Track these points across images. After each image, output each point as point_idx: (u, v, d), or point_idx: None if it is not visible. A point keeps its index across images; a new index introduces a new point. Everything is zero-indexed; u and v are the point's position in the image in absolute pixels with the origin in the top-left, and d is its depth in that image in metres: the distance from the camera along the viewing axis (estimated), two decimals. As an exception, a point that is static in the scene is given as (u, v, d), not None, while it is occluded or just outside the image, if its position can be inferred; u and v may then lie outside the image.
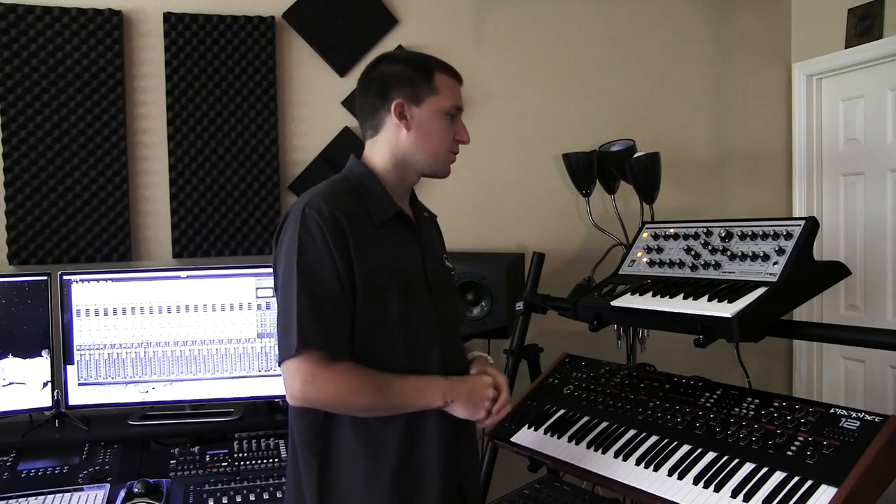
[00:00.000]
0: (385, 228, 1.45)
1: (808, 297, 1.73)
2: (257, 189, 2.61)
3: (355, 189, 1.46)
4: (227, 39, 2.57)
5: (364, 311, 1.38)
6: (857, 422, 1.46)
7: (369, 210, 1.44)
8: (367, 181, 1.48)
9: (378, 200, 1.46)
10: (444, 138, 1.49)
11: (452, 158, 1.53)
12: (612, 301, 1.86)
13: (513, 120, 2.93)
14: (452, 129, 1.51)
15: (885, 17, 2.78)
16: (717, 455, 1.55)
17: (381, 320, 1.40)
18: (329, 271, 1.35)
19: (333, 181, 1.49)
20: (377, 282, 1.39)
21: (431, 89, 1.46)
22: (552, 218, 2.97)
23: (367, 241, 1.40)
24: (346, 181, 1.48)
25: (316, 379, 1.33)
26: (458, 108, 1.51)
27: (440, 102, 1.47)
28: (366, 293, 1.38)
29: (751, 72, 3.21)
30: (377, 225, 1.43)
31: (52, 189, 2.44)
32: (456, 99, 1.50)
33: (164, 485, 1.98)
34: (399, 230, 1.49)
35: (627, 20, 3.05)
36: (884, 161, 2.89)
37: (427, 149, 1.48)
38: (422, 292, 1.47)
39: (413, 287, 1.45)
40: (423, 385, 1.41)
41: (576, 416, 1.87)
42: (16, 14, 2.39)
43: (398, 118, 1.45)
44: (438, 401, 1.41)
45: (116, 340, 2.27)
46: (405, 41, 2.76)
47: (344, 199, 1.42)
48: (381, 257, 1.42)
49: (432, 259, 1.55)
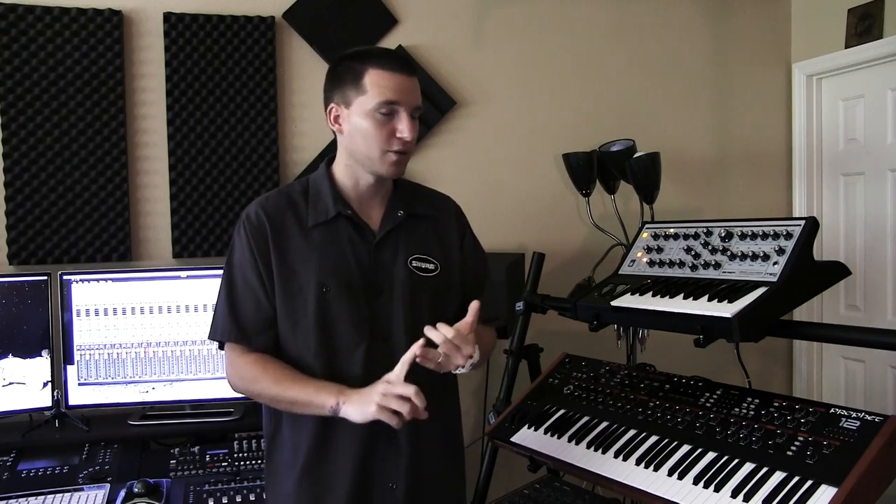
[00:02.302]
0: (320, 229, 1.49)
1: (808, 297, 1.73)
2: (257, 189, 2.61)
3: (306, 190, 1.54)
4: (227, 39, 2.57)
5: (283, 308, 1.48)
6: (857, 422, 1.46)
7: (308, 212, 1.50)
8: (319, 183, 1.54)
9: (321, 203, 1.51)
10: (374, 138, 1.43)
11: (393, 157, 1.45)
12: (612, 301, 1.86)
13: (513, 120, 2.93)
14: (388, 126, 1.43)
15: (885, 17, 2.78)
16: (717, 455, 1.55)
17: (299, 319, 1.47)
18: (251, 269, 1.47)
19: (291, 183, 1.60)
20: (295, 282, 1.47)
21: (359, 89, 1.43)
22: (552, 218, 2.97)
23: (290, 242, 1.48)
24: (303, 183, 1.56)
25: (233, 365, 1.50)
26: (391, 103, 1.42)
27: (367, 102, 1.42)
28: (284, 291, 1.47)
29: (751, 72, 3.21)
30: (310, 226, 1.49)
31: (52, 189, 2.44)
32: (387, 94, 1.41)
33: (164, 485, 1.98)
34: (341, 231, 1.49)
35: (627, 20, 3.05)
36: (884, 161, 2.89)
37: (361, 150, 1.46)
38: (355, 293, 1.47)
39: (340, 288, 1.46)
40: (322, 386, 1.42)
41: (576, 416, 1.87)
42: (16, 14, 2.39)
43: (333, 123, 1.49)
44: (332, 400, 1.38)
45: (116, 340, 2.27)
46: (405, 41, 2.76)
47: (279, 200, 1.52)
48: (303, 258, 1.47)
49: (388, 260, 1.51)
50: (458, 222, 1.65)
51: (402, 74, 1.44)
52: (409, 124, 1.43)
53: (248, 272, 1.48)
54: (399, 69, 1.44)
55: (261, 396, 1.49)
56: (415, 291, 1.52)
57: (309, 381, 1.44)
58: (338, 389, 1.39)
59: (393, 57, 1.47)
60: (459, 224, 1.66)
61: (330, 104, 1.49)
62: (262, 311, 1.48)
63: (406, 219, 1.55)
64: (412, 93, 1.45)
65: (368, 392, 1.35)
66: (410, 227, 1.56)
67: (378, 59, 1.44)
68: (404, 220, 1.55)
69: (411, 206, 1.57)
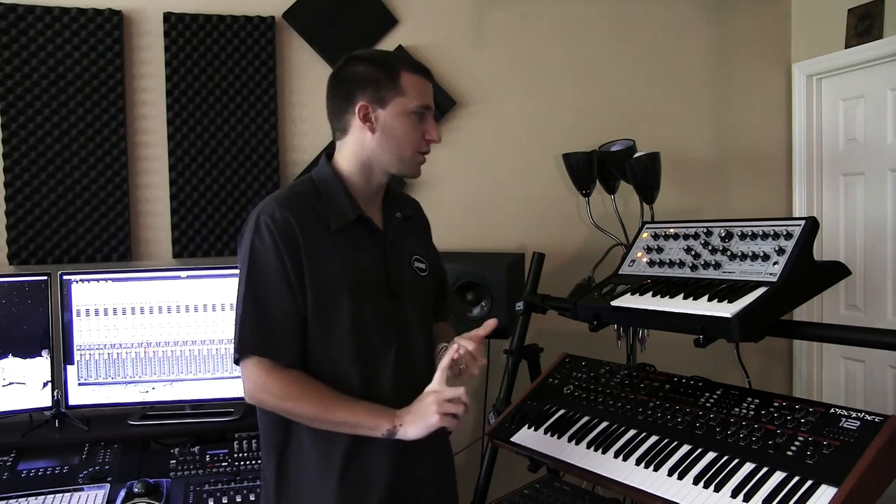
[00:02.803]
0: (342, 232, 1.47)
1: (808, 297, 1.73)
2: (257, 189, 2.61)
3: (317, 191, 1.49)
4: (227, 39, 2.57)
5: (316, 314, 1.42)
6: (857, 422, 1.46)
7: (327, 214, 1.46)
8: (330, 183, 1.49)
9: (338, 205, 1.47)
10: (410, 139, 1.46)
11: (421, 159, 1.50)
12: (612, 301, 1.86)
13: (513, 120, 2.93)
14: (420, 128, 1.47)
15: (885, 17, 2.78)
16: (717, 455, 1.55)
17: (333, 323, 1.44)
18: (279, 276, 1.40)
19: (295, 184, 1.54)
20: (328, 285, 1.42)
21: (397, 90, 1.44)
22: (552, 218, 2.97)
23: (320, 245, 1.43)
24: (309, 183, 1.51)
25: (259, 383, 1.41)
26: (427, 107, 1.47)
27: (406, 103, 1.44)
28: (317, 298, 1.42)
29: (751, 72, 3.20)
30: (334, 229, 1.45)
31: (52, 189, 2.44)
32: (423, 98, 1.46)
33: (164, 485, 1.98)
34: (358, 233, 1.49)
35: (627, 20, 3.05)
36: (884, 161, 2.89)
37: (393, 150, 1.46)
38: (379, 295, 1.48)
39: (368, 290, 1.46)
40: (371, 409, 1.41)
41: (576, 416, 1.87)
42: (16, 14, 2.39)
43: (362, 121, 1.45)
44: (386, 424, 1.38)
45: (116, 340, 2.27)
46: (405, 41, 2.76)
47: (299, 202, 1.45)
48: (334, 261, 1.44)
49: (398, 261, 1.53)
50: (426, 222, 1.73)
51: (428, 80, 1.50)
52: (437, 128, 1.49)
53: (277, 279, 1.40)
54: (427, 75, 1.50)
55: (297, 415, 1.43)
56: (420, 292, 1.56)
57: (355, 403, 1.42)
58: (388, 412, 1.40)
59: (419, 63, 1.52)
60: (427, 224, 1.73)
61: (359, 102, 1.45)
62: (292, 322, 1.41)
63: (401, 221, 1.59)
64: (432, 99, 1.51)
65: (421, 407, 1.38)
66: (406, 229, 1.60)
67: (410, 64, 1.49)
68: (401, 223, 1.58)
69: (400, 208, 1.61)
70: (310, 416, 1.42)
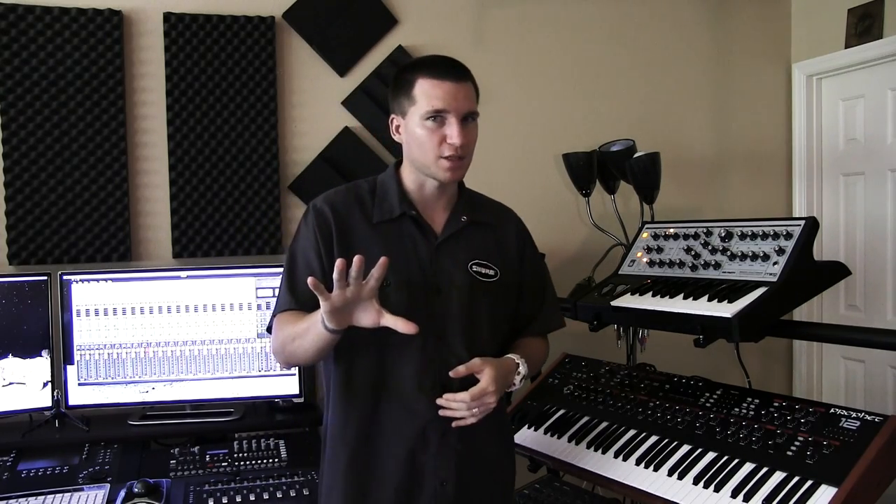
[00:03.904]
0: (384, 226, 1.53)
1: (808, 297, 1.73)
2: (257, 189, 2.61)
3: (373, 189, 1.58)
4: (227, 39, 2.57)
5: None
6: (857, 422, 1.46)
7: (373, 209, 1.55)
8: (386, 183, 1.59)
9: (387, 202, 1.55)
10: (427, 145, 1.47)
11: (446, 163, 1.48)
12: (612, 301, 1.86)
13: (513, 120, 2.93)
14: (439, 133, 1.46)
15: (885, 17, 2.78)
16: (717, 455, 1.55)
17: None
18: (312, 251, 1.51)
19: (359, 181, 1.63)
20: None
21: (411, 100, 1.48)
22: (552, 218, 2.97)
23: (355, 236, 1.52)
24: (371, 182, 1.61)
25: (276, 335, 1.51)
26: (439, 111, 1.46)
27: (418, 110, 1.47)
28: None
29: (751, 72, 3.20)
30: (375, 223, 1.53)
31: (52, 189, 2.44)
32: (435, 102, 1.45)
33: (164, 485, 1.98)
34: (406, 229, 1.54)
35: (627, 20, 3.05)
36: (884, 161, 2.89)
37: (418, 158, 1.51)
38: (413, 289, 1.50)
39: (401, 283, 1.49)
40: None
41: (576, 416, 1.87)
42: (16, 14, 2.39)
43: (395, 133, 1.56)
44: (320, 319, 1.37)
45: (116, 340, 2.27)
46: (405, 41, 2.76)
47: (346, 196, 1.57)
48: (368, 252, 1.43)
49: (449, 261, 1.55)
50: (518, 233, 1.70)
51: (449, 81, 1.47)
52: (459, 130, 1.46)
53: (310, 253, 1.51)
54: (447, 76, 1.47)
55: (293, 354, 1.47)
56: (474, 295, 1.56)
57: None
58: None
59: (442, 64, 1.50)
60: (520, 236, 1.70)
61: (392, 115, 1.55)
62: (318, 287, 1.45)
63: (468, 225, 1.59)
64: (462, 99, 1.47)
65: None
66: (472, 233, 1.60)
67: (428, 68, 1.48)
68: (466, 226, 1.59)
69: (474, 214, 1.61)
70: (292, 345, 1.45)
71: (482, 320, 1.56)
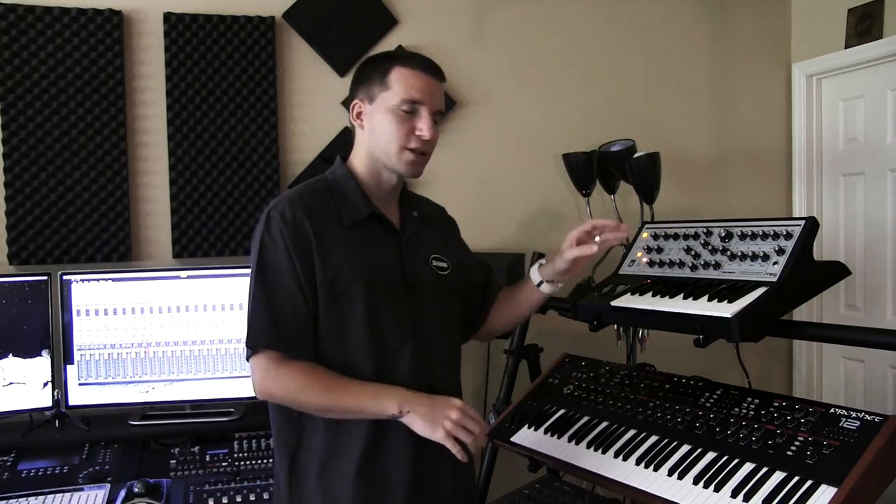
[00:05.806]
0: (356, 228, 1.47)
1: (808, 297, 1.73)
2: (257, 189, 2.61)
3: (330, 189, 1.50)
4: (227, 39, 2.57)
5: (328, 311, 1.42)
6: (857, 422, 1.46)
7: (340, 210, 1.47)
8: (343, 182, 1.51)
9: (351, 201, 1.49)
10: (393, 135, 1.43)
11: (410, 157, 1.45)
12: (612, 301, 1.86)
13: (513, 120, 2.93)
14: (408, 124, 1.43)
15: (885, 17, 2.78)
16: (717, 455, 1.55)
17: (347, 320, 1.43)
18: (288, 273, 1.40)
19: (310, 182, 1.54)
20: (341, 282, 1.42)
21: (383, 85, 1.44)
22: (552, 218, 2.97)
23: (333, 242, 1.43)
24: (323, 181, 1.52)
25: (270, 375, 1.41)
26: (414, 102, 1.42)
27: (390, 98, 1.43)
28: (329, 293, 1.41)
29: (751, 72, 3.21)
30: (347, 225, 1.46)
31: (52, 189, 2.44)
32: (411, 92, 1.42)
33: (164, 485, 1.98)
34: (374, 230, 1.49)
35: (627, 20, 3.05)
36: (884, 161, 2.89)
37: (380, 147, 1.46)
38: (395, 293, 1.47)
39: (382, 286, 1.45)
40: (381, 391, 1.40)
41: (576, 416, 1.87)
42: (16, 14, 2.39)
43: (355, 118, 1.50)
44: (393, 408, 1.37)
45: (116, 340, 2.27)
46: (405, 41, 2.76)
47: (313, 199, 1.46)
48: (347, 258, 1.43)
49: (415, 259, 1.53)
50: (452, 225, 1.74)
51: (428, 76, 1.46)
52: (430, 124, 1.44)
53: (285, 276, 1.40)
54: (426, 70, 1.46)
55: (307, 406, 1.42)
56: (440, 290, 1.56)
57: (363, 385, 1.40)
58: (398, 395, 1.39)
59: (421, 58, 1.49)
60: (453, 226, 1.75)
61: (354, 100, 1.49)
62: (302, 318, 1.41)
63: (420, 220, 1.59)
64: (436, 95, 1.47)
65: (437, 410, 1.37)
66: (424, 228, 1.60)
67: (406, 59, 1.47)
68: (419, 222, 1.59)
69: (419, 208, 1.62)
70: (318, 406, 1.41)
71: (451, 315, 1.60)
